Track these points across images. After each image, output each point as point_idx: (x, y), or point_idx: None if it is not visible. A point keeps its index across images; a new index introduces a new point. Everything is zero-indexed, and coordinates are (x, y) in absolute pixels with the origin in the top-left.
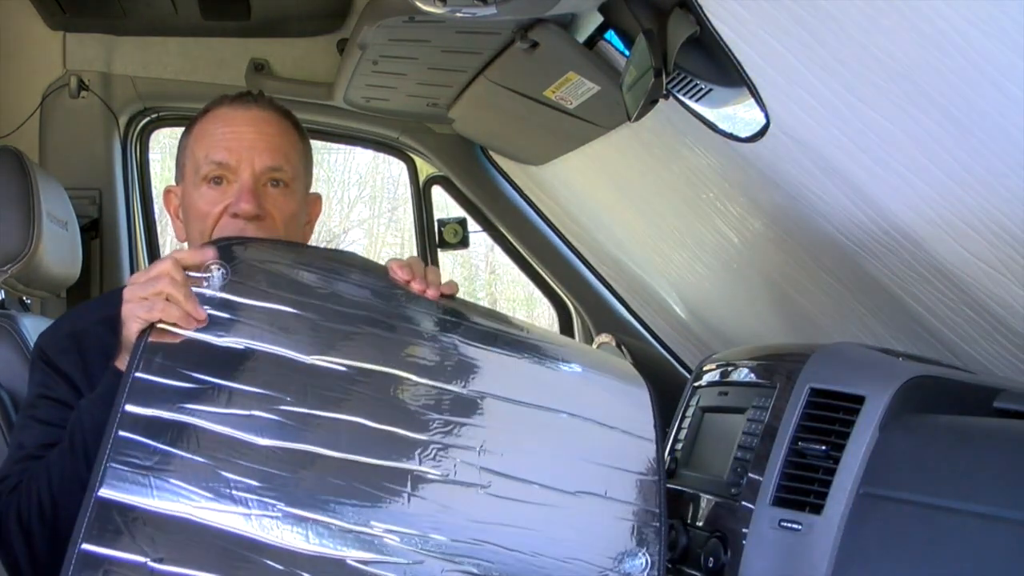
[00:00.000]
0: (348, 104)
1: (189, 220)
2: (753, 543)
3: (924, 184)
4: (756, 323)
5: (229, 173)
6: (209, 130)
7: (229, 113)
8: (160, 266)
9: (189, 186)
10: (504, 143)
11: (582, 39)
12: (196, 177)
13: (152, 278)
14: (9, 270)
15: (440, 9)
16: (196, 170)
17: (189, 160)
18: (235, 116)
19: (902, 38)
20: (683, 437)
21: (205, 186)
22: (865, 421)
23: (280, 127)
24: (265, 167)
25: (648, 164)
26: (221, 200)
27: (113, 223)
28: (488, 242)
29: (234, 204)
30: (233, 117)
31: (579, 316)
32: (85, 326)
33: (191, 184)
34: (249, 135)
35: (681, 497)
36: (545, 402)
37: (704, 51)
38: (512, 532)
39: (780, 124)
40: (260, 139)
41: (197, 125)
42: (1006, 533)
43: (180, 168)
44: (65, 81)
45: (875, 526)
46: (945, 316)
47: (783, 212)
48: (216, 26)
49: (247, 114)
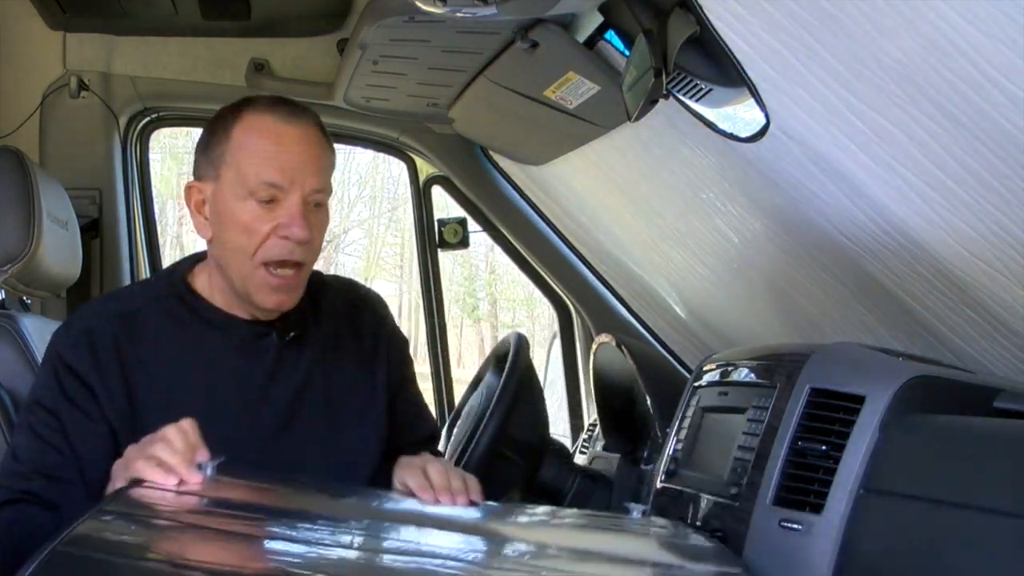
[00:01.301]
0: (348, 104)
1: (226, 228)
2: (753, 543)
3: (924, 184)
4: (756, 323)
5: (279, 193)
6: (258, 145)
7: (279, 128)
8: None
9: (229, 195)
10: (504, 143)
11: (582, 39)
12: (242, 190)
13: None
14: (9, 270)
15: (440, 9)
16: (242, 183)
17: (230, 168)
18: (285, 133)
19: (902, 38)
20: (683, 437)
21: (253, 202)
22: (865, 421)
23: (322, 146)
24: (313, 190)
25: (648, 164)
26: (271, 219)
27: (113, 223)
28: (488, 242)
29: (285, 227)
30: (284, 134)
31: (579, 316)
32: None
33: (233, 195)
34: (300, 155)
35: (681, 497)
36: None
37: (704, 51)
38: None
39: (780, 124)
40: (310, 161)
41: (240, 132)
42: (1006, 532)
43: (213, 167)
44: (65, 81)
45: (875, 526)
46: (945, 316)
47: (783, 212)
48: (216, 26)
49: (296, 131)
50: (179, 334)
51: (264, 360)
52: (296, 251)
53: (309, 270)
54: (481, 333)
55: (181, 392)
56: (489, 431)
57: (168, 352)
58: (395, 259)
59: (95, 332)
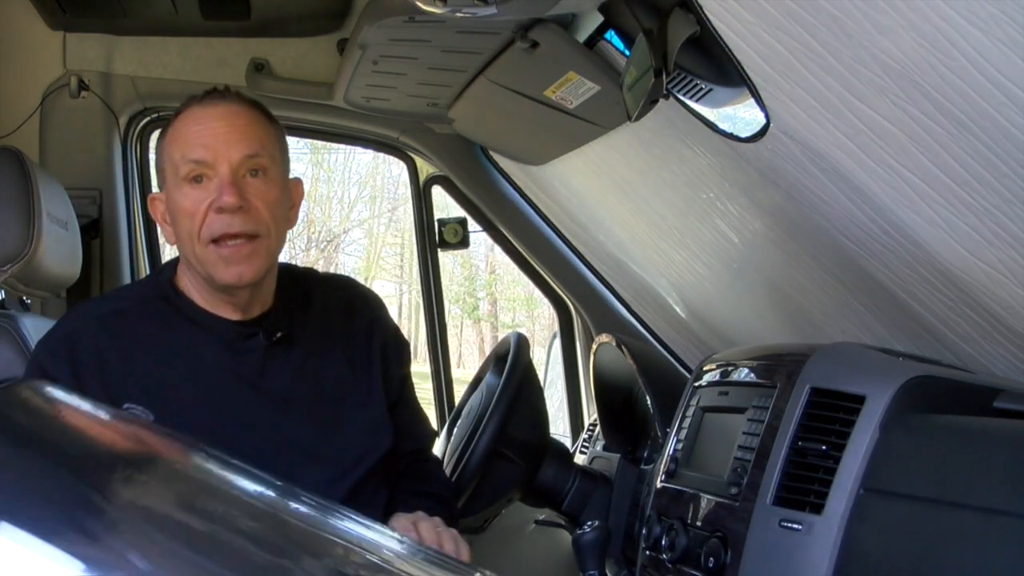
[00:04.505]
0: (348, 104)
1: (177, 221)
2: (753, 543)
3: (924, 184)
4: (756, 323)
5: (208, 169)
6: (182, 131)
7: (199, 112)
8: None
9: (172, 189)
10: (504, 143)
11: (582, 39)
12: (177, 179)
13: None
14: (9, 270)
15: (440, 9)
16: (175, 172)
17: (168, 164)
18: (205, 113)
19: (902, 38)
20: (683, 437)
21: (187, 186)
22: (865, 421)
23: (250, 117)
24: (242, 156)
25: (648, 164)
26: (205, 197)
27: (113, 223)
28: (488, 242)
29: (217, 199)
30: (203, 114)
31: (579, 316)
32: (80, 326)
33: (173, 186)
34: (222, 129)
35: (681, 497)
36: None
37: (704, 51)
38: None
39: (780, 124)
40: (232, 131)
41: (170, 129)
42: (1006, 532)
43: (161, 174)
44: (65, 81)
45: (876, 526)
46: (945, 316)
47: (783, 212)
48: (216, 26)
49: (216, 110)
50: (165, 334)
51: (251, 360)
52: (235, 223)
53: (270, 242)
54: (481, 333)
55: (166, 393)
56: (489, 431)
57: (153, 353)
58: (395, 259)
59: (77, 338)
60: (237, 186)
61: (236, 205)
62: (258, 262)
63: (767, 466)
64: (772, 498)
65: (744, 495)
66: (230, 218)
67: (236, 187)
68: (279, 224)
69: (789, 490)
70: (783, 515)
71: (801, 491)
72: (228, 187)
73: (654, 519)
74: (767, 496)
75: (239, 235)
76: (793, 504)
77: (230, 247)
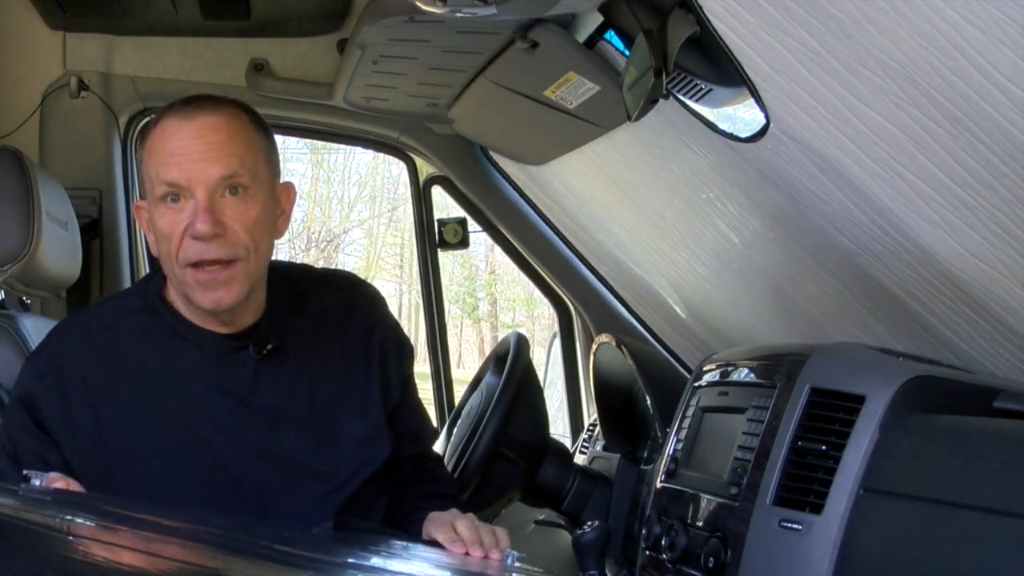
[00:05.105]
0: (348, 104)
1: (156, 236)
2: (753, 543)
3: (924, 184)
4: (756, 323)
5: (183, 192)
6: (157, 146)
7: (174, 125)
8: None
9: (151, 205)
10: (504, 143)
11: (582, 39)
12: (153, 196)
13: None
14: (9, 270)
15: (440, 9)
16: (151, 189)
17: (146, 177)
18: (180, 129)
19: (902, 38)
20: (683, 437)
21: (163, 205)
22: (865, 421)
23: (229, 130)
24: (219, 177)
25: (648, 164)
26: (181, 220)
27: (113, 223)
28: (488, 242)
29: (191, 225)
30: (177, 130)
31: (579, 316)
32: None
33: (152, 203)
34: (197, 148)
35: (681, 497)
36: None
37: (704, 51)
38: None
39: (780, 124)
40: (208, 150)
41: (148, 138)
42: (1006, 532)
43: (141, 184)
44: (65, 81)
45: (876, 526)
46: (945, 316)
47: (783, 212)
48: (216, 26)
49: (191, 125)
50: (152, 349)
51: (241, 374)
52: (210, 249)
53: (249, 264)
54: (481, 333)
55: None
56: (489, 431)
57: (141, 370)
58: (395, 259)
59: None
60: (213, 211)
61: (211, 234)
62: (237, 287)
63: (767, 466)
64: (772, 498)
65: (744, 495)
66: (205, 245)
67: (211, 213)
68: (261, 242)
69: (789, 490)
70: (783, 515)
71: (801, 491)
72: (203, 213)
73: (654, 519)
74: (767, 496)
75: (216, 261)
76: (793, 504)
77: (208, 272)
